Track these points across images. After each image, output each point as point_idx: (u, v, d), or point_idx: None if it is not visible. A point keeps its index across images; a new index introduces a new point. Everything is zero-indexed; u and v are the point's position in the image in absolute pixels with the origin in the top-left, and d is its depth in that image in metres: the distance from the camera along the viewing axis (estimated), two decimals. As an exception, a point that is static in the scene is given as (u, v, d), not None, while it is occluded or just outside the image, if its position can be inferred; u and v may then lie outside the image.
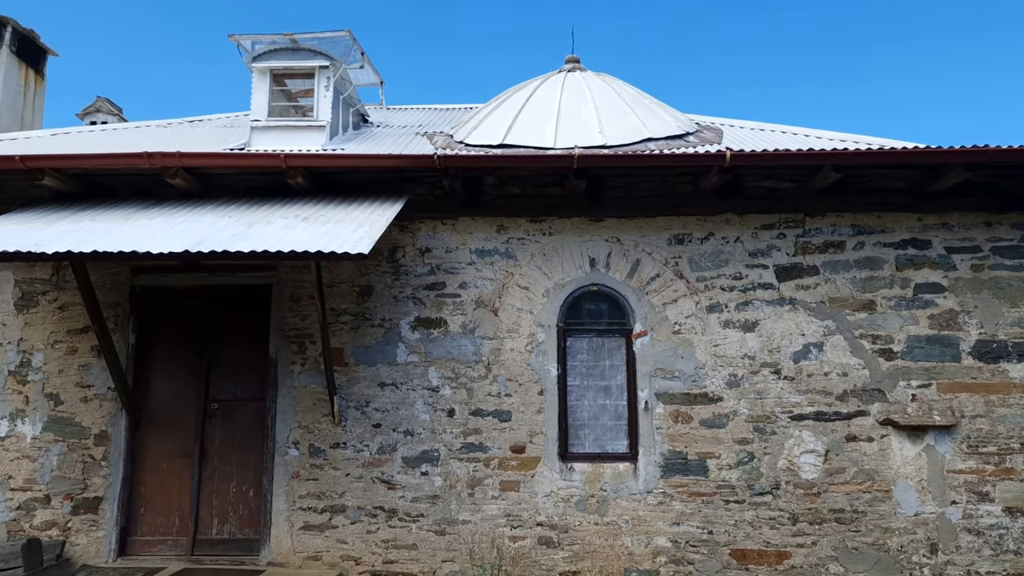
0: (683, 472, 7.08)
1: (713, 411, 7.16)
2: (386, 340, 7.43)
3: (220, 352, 7.72)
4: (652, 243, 7.46)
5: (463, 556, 6.97)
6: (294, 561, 7.10)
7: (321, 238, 6.15)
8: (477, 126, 8.46)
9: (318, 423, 7.33)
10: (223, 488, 7.47)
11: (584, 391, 7.34)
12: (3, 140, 9.32)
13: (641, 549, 6.98)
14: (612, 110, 8.34)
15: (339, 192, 7.57)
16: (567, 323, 7.41)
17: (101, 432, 7.42)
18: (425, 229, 7.61)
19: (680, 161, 7.07)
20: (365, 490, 7.19)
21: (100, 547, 7.24)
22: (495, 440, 7.21)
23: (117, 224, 6.80)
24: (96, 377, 7.49)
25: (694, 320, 7.32)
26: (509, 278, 7.46)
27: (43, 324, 7.61)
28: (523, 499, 7.10)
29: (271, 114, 8.63)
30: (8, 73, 10.88)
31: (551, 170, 7.20)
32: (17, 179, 7.43)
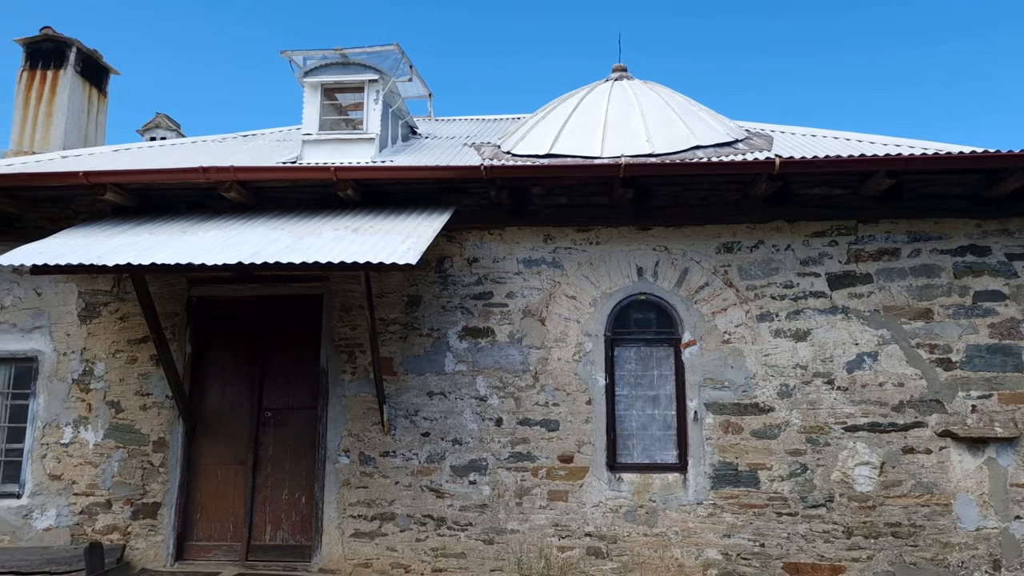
0: (734, 483, 6.99)
1: (764, 421, 7.06)
2: (434, 349, 7.50)
3: (273, 361, 7.88)
4: (701, 251, 7.40)
5: (511, 565, 6.98)
6: (345, 568, 7.19)
7: (370, 249, 6.25)
8: (524, 136, 8.51)
9: (368, 431, 7.42)
10: (276, 495, 7.61)
11: (632, 401, 7.30)
12: (68, 157, 9.67)
13: (691, 561, 6.90)
14: (659, 118, 8.30)
15: (388, 203, 7.68)
16: (615, 332, 7.38)
17: (159, 439, 7.63)
18: (472, 239, 7.67)
19: (728, 169, 7.01)
20: (414, 498, 7.26)
21: (158, 551, 7.43)
22: (543, 449, 7.21)
23: (174, 237, 7.01)
24: (155, 386, 7.71)
25: (744, 329, 7.22)
26: (556, 287, 7.47)
27: (105, 334, 7.86)
28: (571, 509, 7.08)
29: (322, 128, 8.80)
30: (73, 92, 11.30)
31: (598, 179, 7.20)
32: (81, 194, 7.71)
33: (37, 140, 11.02)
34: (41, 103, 11.13)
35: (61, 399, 7.75)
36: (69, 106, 11.17)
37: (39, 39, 11.35)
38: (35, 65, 11.36)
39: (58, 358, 7.84)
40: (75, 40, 11.46)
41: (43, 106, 11.12)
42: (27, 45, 11.38)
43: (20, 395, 7.88)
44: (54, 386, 7.79)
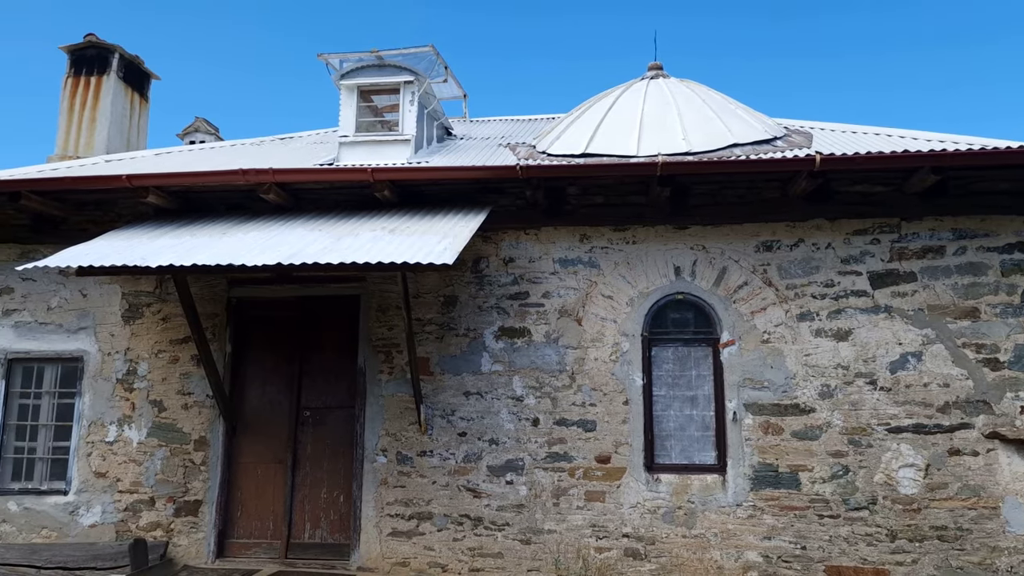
0: (774, 485, 6.90)
1: (805, 422, 6.95)
2: (471, 349, 7.51)
3: (311, 361, 7.95)
4: (739, 250, 7.32)
5: (548, 566, 6.96)
6: (383, 567, 7.23)
7: (407, 249, 6.28)
8: (559, 136, 8.48)
9: (405, 431, 7.46)
10: (314, 494, 7.68)
11: (670, 401, 7.24)
12: (111, 160, 9.86)
13: (731, 563, 6.82)
14: (696, 116, 8.22)
15: (424, 204, 7.71)
16: (652, 332, 7.33)
17: (201, 438, 7.74)
18: (508, 239, 7.67)
19: (767, 166, 6.93)
20: (451, 498, 7.27)
21: (200, 548, 7.54)
22: (580, 450, 7.18)
23: (215, 238, 7.11)
24: (196, 385, 7.83)
25: (784, 329, 7.13)
26: (593, 287, 7.44)
27: (147, 334, 8.00)
28: (609, 510, 7.04)
29: (358, 129, 8.86)
30: (116, 97, 11.52)
31: (634, 178, 7.16)
32: (124, 197, 7.86)
33: (81, 145, 11.25)
34: (85, 108, 11.36)
35: (106, 398, 7.91)
36: (112, 111, 11.39)
37: (83, 46, 11.59)
38: (79, 71, 11.59)
39: (103, 358, 7.99)
40: (117, 46, 11.68)
41: (87, 111, 11.35)
42: (71, 52, 11.63)
43: (66, 394, 8.06)
44: (99, 385, 7.94)
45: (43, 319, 8.12)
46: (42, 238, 8.22)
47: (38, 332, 8.11)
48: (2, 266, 8.24)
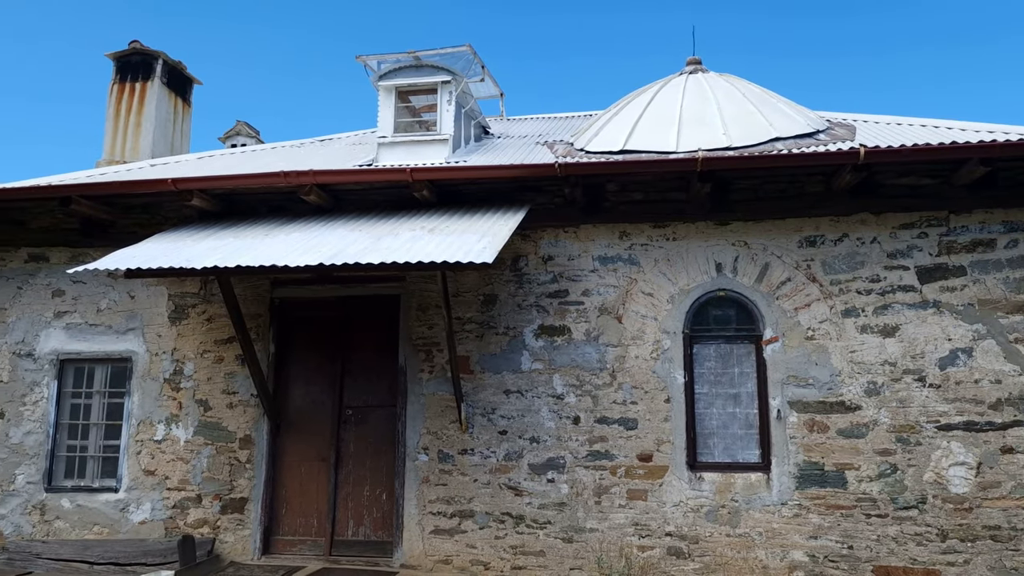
0: (820, 483, 6.79)
1: (851, 420, 6.84)
2: (511, 348, 7.52)
3: (352, 360, 8.03)
4: (782, 246, 7.22)
5: (591, 564, 6.94)
6: (425, 564, 7.28)
7: (446, 248, 6.31)
8: (597, 133, 8.45)
9: (446, 429, 7.49)
10: (357, 491, 7.75)
11: (712, 399, 7.17)
12: (156, 165, 10.06)
13: (776, 563, 6.73)
14: (736, 110, 8.13)
15: (463, 203, 7.73)
16: (693, 330, 7.27)
17: (246, 436, 7.86)
18: (547, 237, 7.66)
19: (810, 160, 6.82)
20: (493, 496, 7.29)
21: (246, 545, 7.66)
22: (621, 448, 7.15)
23: (258, 240, 7.21)
24: (240, 384, 7.95)
25: (828, 325, 7.01)
26: (633, 285, 7.40)
27: (193, 335, 8.15)
28: (651, 508, 7.00)
29: (396, 130, 8.92)
30: (160, 103, 11.75)
31: (674, 174, 7.10)
32: (169, 200, 8.00)
33: (127, 150, 11.49)
34: (131, 114, 11.61)
35: (154, 397, 8.07)
36: (156, 116, 11.63)
37: (128, 53, 11.84)
38: (124, 78, 11.85)
39: (150, 358, 8.16)
40: (161, 53, 11.91)
41: (132, 116, 11.60)
42: (117, 59, 11.89)
43: (116, 394, 8.24)
44: (147, 385, 8.11)
45: (93, 321, 8.32)
46: (92, 241, 8.41)
47: (88, 333, 8.30)
48: (54, 269, 8.45)
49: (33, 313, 8.41)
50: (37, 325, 8.38)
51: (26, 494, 8.04)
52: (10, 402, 8.24)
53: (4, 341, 8.38)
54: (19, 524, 7.97)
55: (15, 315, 8.43)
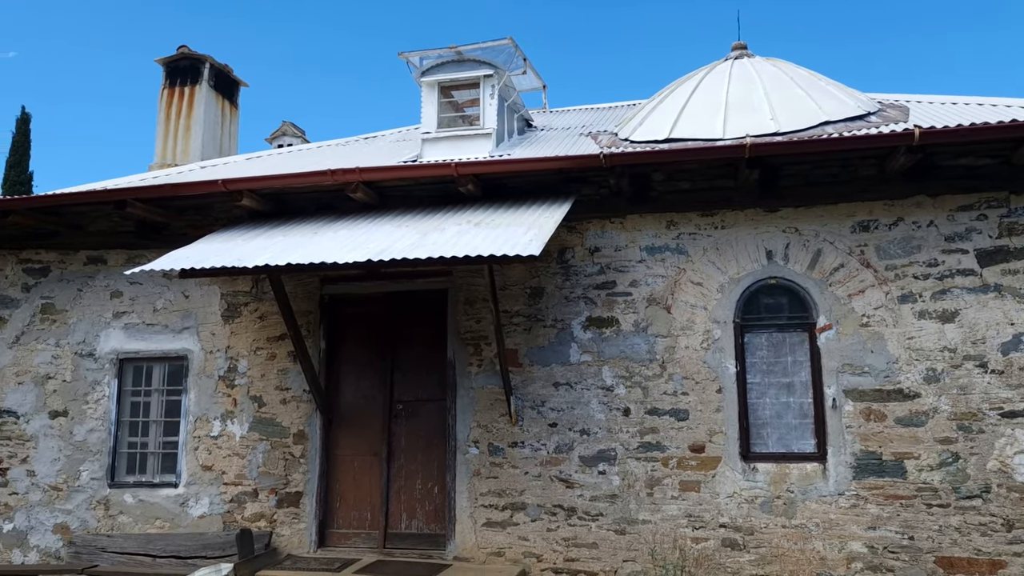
0: (878, 473, 6.65)
1: (909, 408, 6.67)
2: (559, 340, 7.50)
3: (402, 355, 8.10)
4: (834, 231, 7.07)
5: (644, 556, 6.90)
6: (478, 556, 7.31)
7: (493, 242, 6.31)
8: (641, 122, 8.37)
9: (496, 422, 7.51)
10: (410, 485, 7.83)
11: (765, 389, 7.06)
12: (206, 167, 10.26)
13: (834, 554, 6.61)
14: (784, 95, 7.98)
15: (508, 197, 7.73)
16: (744, 318, 7.16)
17: (299, 431, 7.98)
18: (593, 228, 7.61)
19: (862, 143, 6.66)
20: (544, 488, 7.29)
21: (302, 538, 7.78)
22: (672, 439, 7.09)
23: (307, 238, 7.30)
24: (293, 380, 8.07)
25: (884, 311, 6.85)
26: (681, 274, 7.32)
27: (246, 333, 8.30)
28: (704, 499, 6.93)
29: (440, 125, 8.96)
30: (208, 106, 11.99)
31: (721, 161, 6.99)
32: (220, 201, 8.15)
33: (178, 152, 11.75)
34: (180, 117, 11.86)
35: (209, 394, 8.24)
36: (205, 119, 11.86)
37: (176, 58, 12.10)
38: (174, 83, 12.11)
39: (205, 356, 8.33)
40: (208, 56, 12.14)
41: (182, 120, 11.85)
42: (166, 64, 12.16)
43: (173, 391, 8.44)
44: (203, 382, 8.29)
45: (150, 320, 8.52)
46: (147, 243, 8.61)
47: (146, 333, 8.51)
48: (111, 271, 8.68)
49: (93, 314, 8.65)
50: (97, 326, 8.62)
51: (91, 490, 8.29)
52: (73, 401, 8.50)
53: (66, 342, 8.64)
54: (85, 519, 8.22)
55: (76, 316, 8.68)
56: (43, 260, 8.89)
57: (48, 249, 8.88)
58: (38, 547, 8.23)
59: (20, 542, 8.28)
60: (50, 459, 8.41)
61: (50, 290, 8.80)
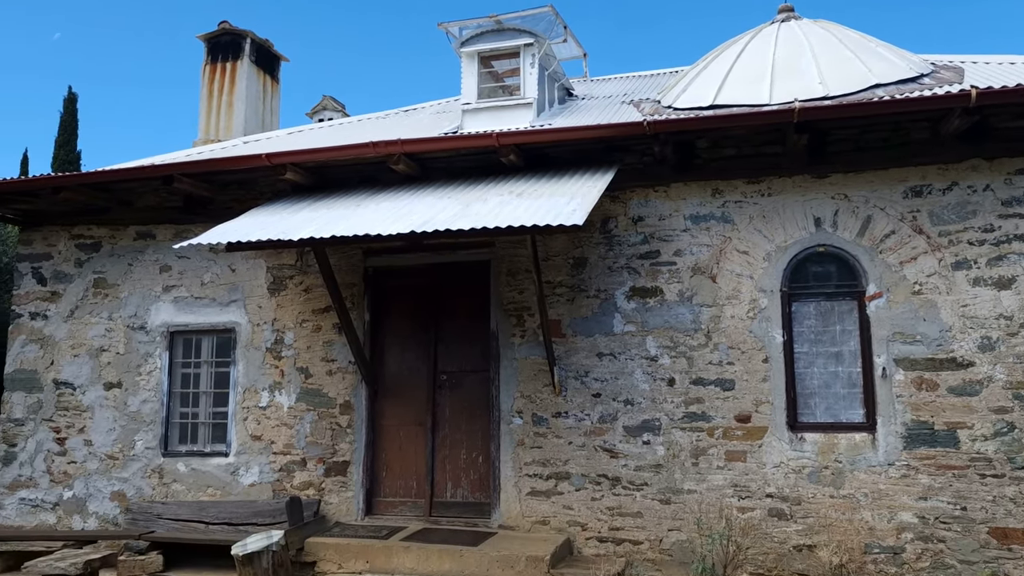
0: (929, 443, 6.53)
1: (963, 377, 6.53)
2: (602, 311, 7.47)
3: (445, 326, 8.14)
4: (884, 197, 6.90)
5: (690, 525, 6.89)
6: (523, 525, 7.37)
7: (535, 212, 6.29)
8: (685, 89, 8.23)
9: (539, 393, 7.53)
10: (454, 454, 7.90)
11: (813, 358, 6.96)
12: (249, 142, 10.35)
13: (883, 524, 6.53)
14: (833, 58, 7.77)
15: (550, 166, 7.67)
16: (791, 287, 7.05)
17: (345, 402, 8.09)
18: (636, 198, 7.53)
19: (914, 106, 6.47)
20: (588, 458, 7.31)
21: (350, 506, 7.92)
22: (718, 409, 7.04)
23: (350, 210, 7.35)
24: (338, 352, 8.17)
25: (937, 279, 6.69)
26: (726, 243, 7.22)
27: (291, 305, 8.41)
28: (750, 469, 6.88)
29: (480, 96, 8.90)
30: (249, 81, 12.07)
31: (769, 127, 6.85)
32: (263, 175, 8.23)
33: (221, 128, 11.87)
34: (223, 93, 11.97)
35: (257, 366, 8.39)
36: (247, 94, 11.95)
37: (218, 33, 12.18)
38: (215, 59, 12.21)
39: (252, 328, 8.47)
40: (249, 32, 12.21)
41: (224, 96, 11.96)
42: (208, 40, 12.25)
43: (222, 363, 8.60)
44: (250, 354, 8.43)
45: (198, 294, 8.67)
46: (193, 218, 8.74)
47: (194, 306, 8.67)
48: (160, 246, 8.84)
49: (143, 288, 8.83)
50: (148, 299, 8.80)
51: (145, 459, 8.52)
52: (127, 373, 8.71)
53: (119, 315, 8.84)
54: (140, 487, 8.46)
55: (127, 290, 8.87)
56: (94, 235, 9.08)
57: (99, 225, 9.07)
58: (96, 514, 8.50)
59: (80, 509, 8.55)
60: (106, 429, 8.65)
61: (102, 265, 8.99)
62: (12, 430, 8.87)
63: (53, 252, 9.15)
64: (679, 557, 6.90)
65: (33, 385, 8.91)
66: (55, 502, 8.63)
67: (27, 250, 9.25)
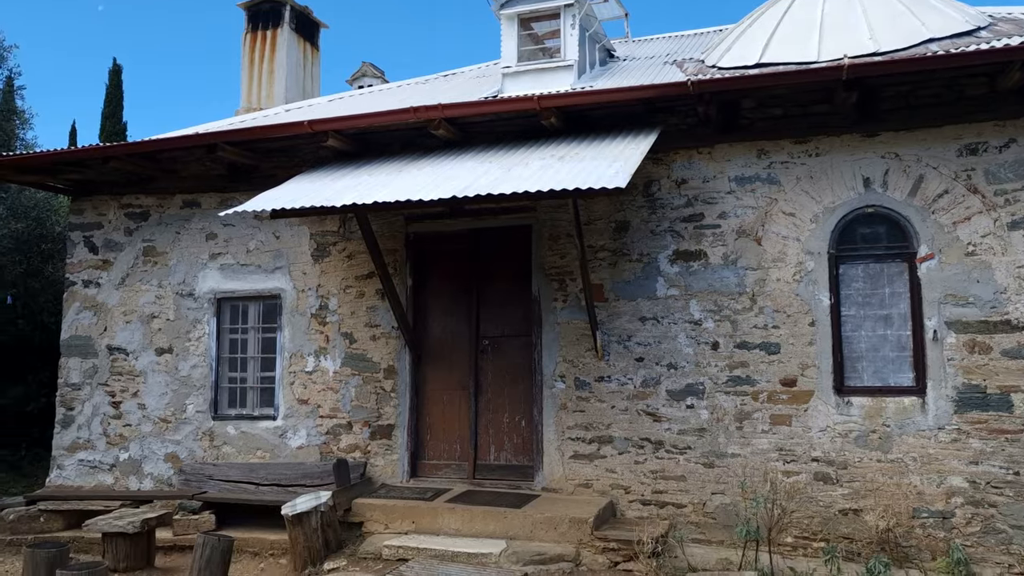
0: (981, 407, 6.40)
1: (1018, 340, 6.37)
2: (644, 274, 7.42)
3: (487, 291, 8.17)
4: (937, 156, 6.70)
5: (734, 489, 6.87)
6: (566, 488, 7.43)
7: (577, 175, 6.24)
8: (729, 48, 8.04)
9: (582, 357, 7.53)
10: (497, 418, 7.97)
11: (860, 321, 6.84)
12: (291, 110, 10.42)
13: (932, 489, 6.45)
14: (883, 12, 7.52)
15: (591, 129, 7.59)
16: (839, 249, 6.92)
17: (389, 367, 8.19)
18: (680, 160, 7.42)
19: (970, 60, 6.24)
20: (631, 422, 7.31)
21: (395, 469, 8.05)
22: (763, 373, 6.97)
23: (391, 176, 7.37)
24: (381, 317, 8.25)
25: (992, 239, 6.50)
26: (772, 205, 7.09)
27: (335, 272, 8.49)
28: (796, 433, 6.83)
29: (520, 59, 8.82)
30: (290, 49, 12.11)
31: (817, 85, 6.67)
32: (306, 142, 8.28)
33: (263, 97, 11.95)
34: (263, 61, 12.03)
35: (303, 331, 8.52)
36: (288, 62, 12.00)
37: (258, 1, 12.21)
38: (256, 27, 12.25)
39: (297, 295, 8.59)
40: (288, -1, 12.20)
41: (265, 64, 12.02)
42: (248, 8, 12.29)
43: (268, 329, 8.75)
44: (296, 320, 8.56)
45: (244, 261, 8.81)
46: (237, 186, 8.84)
47: (240, 273, 8.81)
48: (206, 214, 8.97)
49: (191, 256, 8.99)
50: (195, 267, 8.96)
51: (196, 422, 8.74)
52: (177, 338, 8.91)
53: (168, 282, 9.02)
54: (192, 449, 8.69)
55: (175, 258, 9.04)
56: (142, 204, 9.25)
57: (147, 194, 9.23)
58: (151, 475, 8.77)
59: (136, 470, 8.83)
60: (158, 393, 8.88)
61: (150, 233, 9.17)
62: (69, 394, 9.16)
63: (103, 221, 9.35)
64: (722, 520, 6.90)
65: (88, 351, 9.16)
66: (112, 463, 8.92)
67: (78, 219, 9.46)
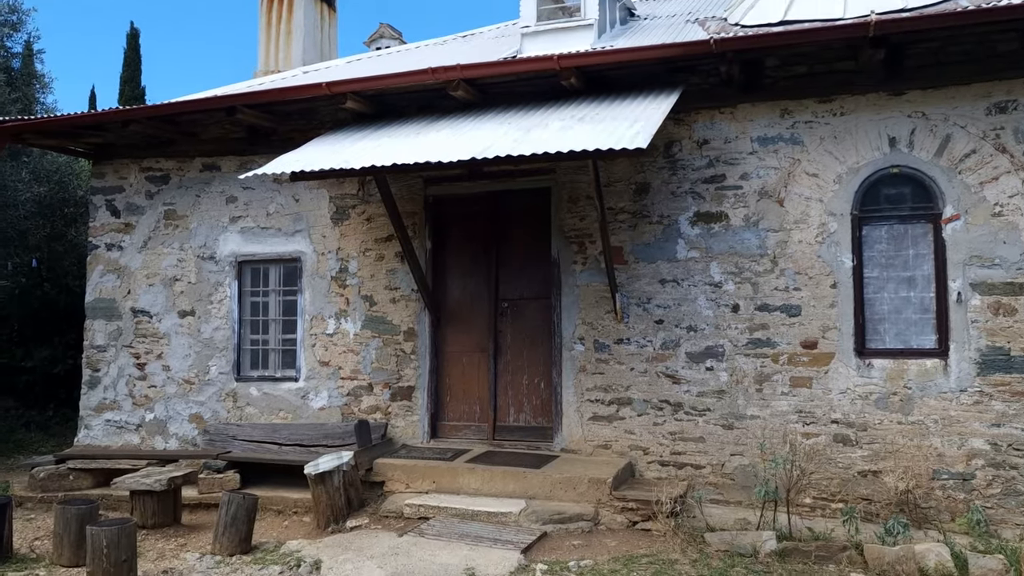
0: (1005, 369, 6.35)
1: (1044, 302, 6.29)
2: (665, 236, 7.37)
3: (505, 254, 8.16)
4: (966, 114, 6.57)
5: (752, 450, 6.89)
6: (585, 449, 7.48)
7: (598, 136, 6.17)
8: (753, 5, 7.87)
9: (601, 320, 7.53)
10: (516, 380, 8.01)
11: (883, 283, 6.78)
12: (308, 72, 10.35)
13: (953, 451, 6.43)
14: (913, -34, 7.31)
15: (612, 90, 7.50)
16: (863, 210, 6.83)
17: (409, 329, 8.24)
18: (701, 120, 7.33)
19: (1002, 15, 6.06)
20: (650, 384, 7.33)
21: (415, 430, 8.14)
22: (783, 335, 6.95)
23: (410, 138, 7.33)
24: (401, 280, 8.28)
25: (1020, 199, 6.39)
26: (795, 165, 7.00)
27: (354, 235, 8.51)
28: (816, 395, 6.82)
29: (539, 18, 8.68)
30: (307, 9, 11.99)
31: (842, 42, 6.53)
32: (324, 105, 8.24)
33: (280, 59, 11.88)
34: (280, 23, 11.93)
35: (323, 294, 8.57)
36: (305, 23, 11.89)
37: (273, -39, 12.06)
38: (272, -13, 12.12)
39: (317, 258, 8.62)
40: (304, -42, 12.05)
41: (283, 25, 11.92)
42: (264, -31, 12.15)
43: (289, 291, 8.81)
44: (316, 283, 8.61)
45: (264, 224, 8.84)
46: (256, 149, 8.84)
47: (261, 236, 8.85)
48: (226, 177, 8.99)
49: (211, 219, 9.03)
50: (216, 230, 9.01)
51: (219, 383, 8.85)
52: (199, 301, 9.00)
53: (189, 245, 9.09)
54: (216, 410, 8.82)
55: (196, 221, 9.09)
56: (163, 168, 9.28)
57: (167, 157, 9.25)
58: (176, 435, 8.92)
59: (161, 430, 8.99)
60: (182, 355, 9.00)
61: (171, 196, 9.21)
62: (95, 356, 9.29)
63: (124, 185, 9.40)
64: (741, 481, 6.93)
65: (112, 313, 9.28)
66: (138, 424, 9.07)
67: (100, 183, 9.52)
